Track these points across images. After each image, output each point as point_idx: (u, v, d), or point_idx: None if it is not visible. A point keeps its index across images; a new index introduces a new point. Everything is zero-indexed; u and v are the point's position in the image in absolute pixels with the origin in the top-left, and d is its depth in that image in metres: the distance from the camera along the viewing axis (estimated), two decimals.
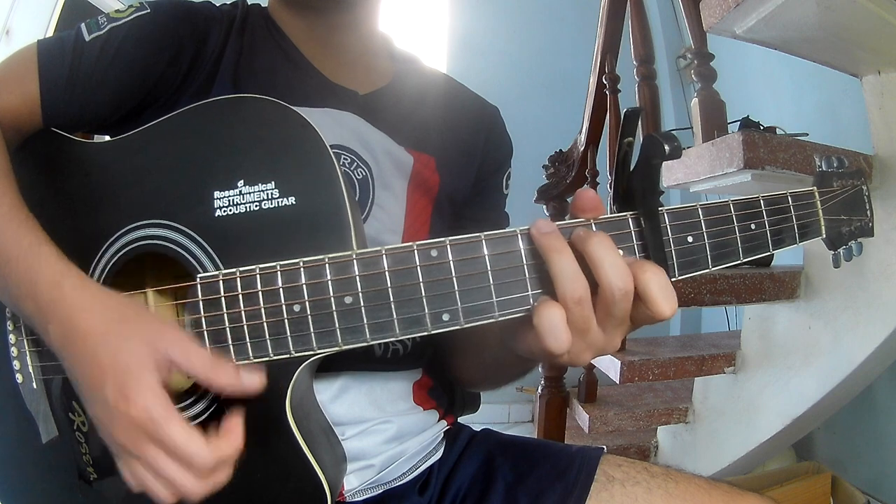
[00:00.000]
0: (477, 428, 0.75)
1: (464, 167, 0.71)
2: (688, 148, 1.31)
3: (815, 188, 0.50)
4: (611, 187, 1.63)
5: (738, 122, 1.37)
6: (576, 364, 0.44)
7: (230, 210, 0.47)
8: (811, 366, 1.34)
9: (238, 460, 0.44)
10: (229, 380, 0.42)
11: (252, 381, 0.43)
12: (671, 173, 1.38)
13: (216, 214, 0.47)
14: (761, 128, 1.35)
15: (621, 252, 0.42)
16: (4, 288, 0.47)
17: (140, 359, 0.41)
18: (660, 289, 0.40)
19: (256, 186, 0.47)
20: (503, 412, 3.01)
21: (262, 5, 0.69)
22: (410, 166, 0.66)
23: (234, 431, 0.42)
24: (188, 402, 0.48)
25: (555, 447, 0.69)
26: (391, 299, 0.42)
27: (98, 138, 0.59)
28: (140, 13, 0.58)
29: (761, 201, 0.47)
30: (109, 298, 0.44)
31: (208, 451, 0.41)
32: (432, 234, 0.67)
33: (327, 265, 0.43)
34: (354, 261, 0.43)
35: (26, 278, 0.44)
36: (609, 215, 0.44)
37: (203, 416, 0.47)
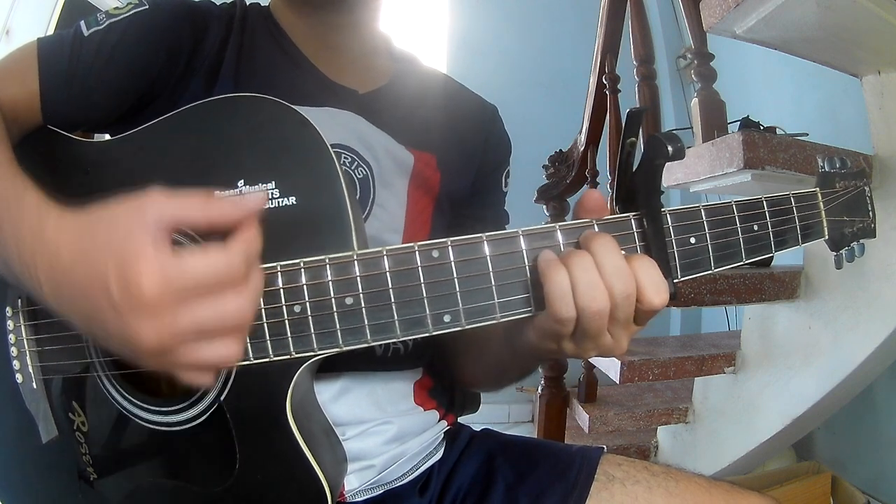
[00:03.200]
0: (477, 428, 0.75)
1: (464, 166, 0.71)
2: (688, 148, 1.31)
3: (817, 189, 0.50)
4: (611, 187, 1.63)
5: (738, 122, 1.37)
6: (578, 357, 0.45)
7: None
8: (811, 366, 1.33)
9: (239, 460, 0.44)
10: (231, 210, 0.38)
11: (255, 200, 0.39)
12: (671, 173, 1.38)
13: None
14: (761, 128, 1.35)
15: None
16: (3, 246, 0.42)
17: (129, 239, 0.35)
18: (648, 279, 0.41)
19: (257, 186, 0.46)
20: (503, 412, 3.01)
21: (261, 4, 0.68)
22: (411, 165, 0.66)
23: (241, 232, 0.38)
24: (188, 402, 0.48)
25: (555, 447, 0.69)
26: (392, 300, 0.42)
27: (98, 137, 0.59)
28: (139, 9, 0.58)
29: (764, 202, 0.47)
30: (83, 216, 0.39)
31: (233, 253, 0.36)
32: (433, 233, 0.67)
33: (328, 266, 0.42)
34: (355, 261, 0.42)
35: (12, 227, 0.41)
36: (612, 216, 0.44)
37: (203, 417, 0.47)
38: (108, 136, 0.57)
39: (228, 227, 0.38)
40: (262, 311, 0.43)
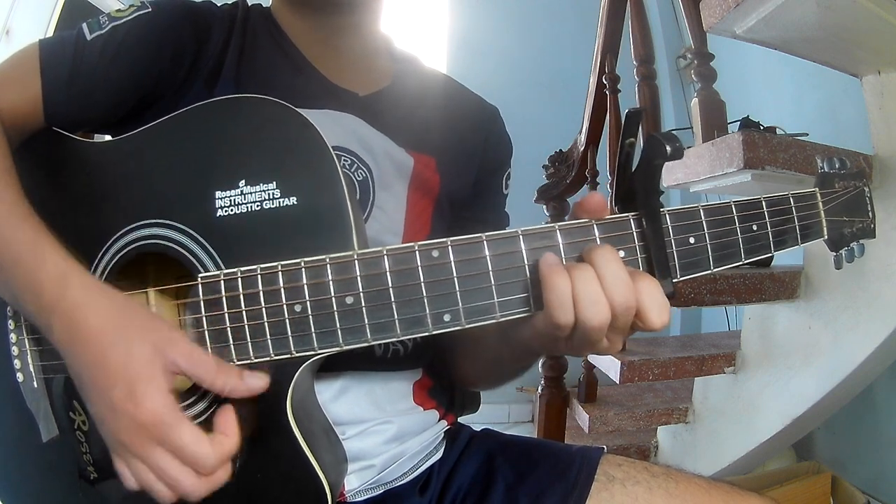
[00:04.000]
0: (477, 428, 0.75)
1: (464, 167, 0.71)
2: (688, 148, 1.31)
3: (816, 189, 0.50)
4: (611, 187, 1.63)
5: (738, 122, 1.37)
6: (575, 355, 0.46)
7: (231, 210, 0.47)
8: (811, 366, 1.33)
9: (239, 460, 0.44)
10: (234, 384, 0.43)
11: (256, 382, 0.44)
12: (671, 173, 1.38)
13: (217, 214, 0.47)
14: (761, 128, 1.35)
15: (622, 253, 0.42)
16: (5, 284, 0.46)
17: (150, 363, 0.41)
18: (652, 300, 0.42)
19: (258, 186, 0.47)
20: (503, 412, 3.01)
21: (263, 6, 0.68)
22: (411, 168, 0.66)
23: (229, 428, 0.43)
24: (189, 401, 0.48)
25: (555, 447, 0.69)
26: (392, 300, 0.42)
27: (99, 138, 0.59)
28: (141, 12, 0.58)
29: (763, 202, 0.47)
30: (114, 297, 0.44)
31: (213, 451, 0.41)
32: (433, 236, 0.67)
33: (328, 265, 0.43)
34: (356, 261, 0.43)
35: (29, 276, 0.44)
36: (611, 216, 0.44)
37: (203, 416, 0.47)
38: (108, 137, 0.57)
39: (226, 395, 0.44)
40: (263, 310, 0.43)
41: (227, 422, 0.43)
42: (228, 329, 0.45)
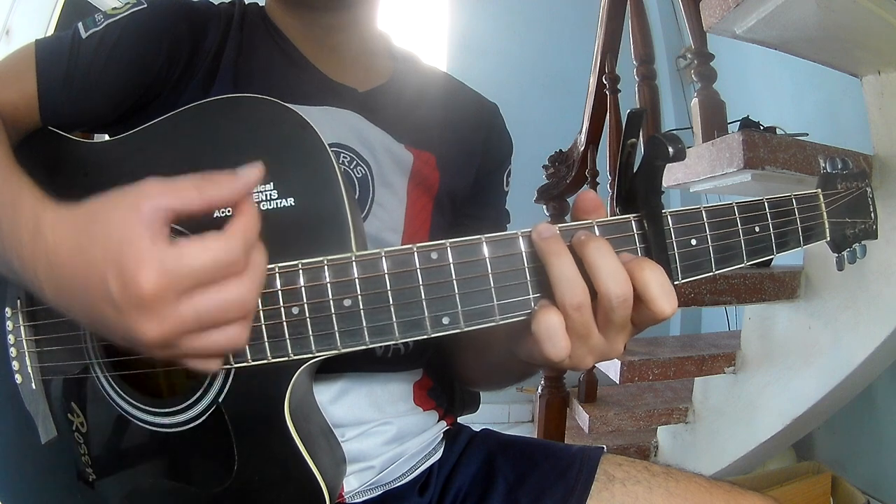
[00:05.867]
0: (477, 428, 0.75)
1: (464, 165, 0.71)
2: (688, 148, 1.31)
3: (819, 190, 0.50)
4: (611, 187, 1.63)
5: (738, 122, 1.37)
6: (578, 368, 0.43)
7: (228, 211, 0.47)
8: (811, 366, 1.33)
9: (237, 461, 0.44)
10: (230, 186, 0.37)
11: (251, 173, 0.38)
12: (671, 173, 1.37)
13: (214, 215, 0.47)
14: (761, 128, 1.35)
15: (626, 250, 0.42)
16: None
17: (126, 235, 0.35)
18: (659, 287, 0.40)
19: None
20: (503, 412, 3.01)
21: (260, 4, 0.68)
22: (410, 164, 0.65)
23: (241, 216, 0.37)
24: (187, 403, 0.48)
25: (555, 447, 0.69)
26: (390, 302, 0.42)
27: (99, 138, 0.59)
28: (136, 8, 0.58)
29: (765, 204, 0.46)
30: (77, 208, 0.38)
31: (230, 239, 0.36)
32: (433, 232, 0.67)
33: (326, 267, 0.42)
34: (353, 263, 0.42)
35: (10, 226, 0.41)
36: (611, 217, 0.44)
37: (203, 417, 0.47)
38: (106, 137, 0.57)
39: (227, 206, 0.38)
40: (260, 312, 0.43)
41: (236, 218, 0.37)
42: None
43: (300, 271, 0.42)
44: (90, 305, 0.36)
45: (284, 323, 0.43)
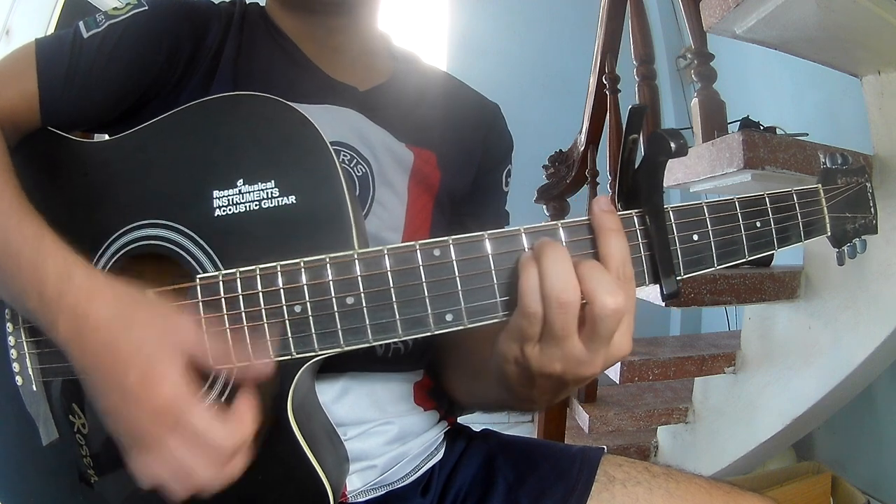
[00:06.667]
0: (477, 428, 0.75)
1: (464, 164, 0.71)
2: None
3: (819, 185, 0.50)
4: (611, 187, 1.63)
5: (738, 122, 1.37)
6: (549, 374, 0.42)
7: (230, 210, 0.46)
8: (811, 366, 1.33)
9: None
10: (245, 367, 0.42)
11: (261, 369, 0.43)
12: (671, 173, 1.37)
13: (215, 214, 0.47)
14: (761, 128, 1.35)
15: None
16: (5, 283, 0.46)
17: (163, 346, 0.40)
18: (597, 283, 0.38)
19: (256, 185, 0.46)
20: (503, 412, 3.01)
21: (261, 4, 0.68)
22: (411, 162, 0.65)
23: (247, 413, 0.41)
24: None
25: (555, 447, 0.69)
26: (394, 300, 0.42)
27: (99, 138, 0.59)
28: (137, 10, 0.58)
29: (767, 199, 0.46)
30: (118, 287, 0.43)
31: (229, 435, 0.40)
32: (433, 231, 0.67)
33: (328, 265, 0.42)
34: (356, 261, 0.42)
35: (31, 272, 0.43)
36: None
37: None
38: (106, 136, 0.57)
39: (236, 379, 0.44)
40: (263, 311, 0.43)
41: (242, 407, 0.41)
42: (227, 331, 0.44)
43: (302, 269, 0.42)
44: (100, 374, 0.41)
45: (287, 321, 0.43)
